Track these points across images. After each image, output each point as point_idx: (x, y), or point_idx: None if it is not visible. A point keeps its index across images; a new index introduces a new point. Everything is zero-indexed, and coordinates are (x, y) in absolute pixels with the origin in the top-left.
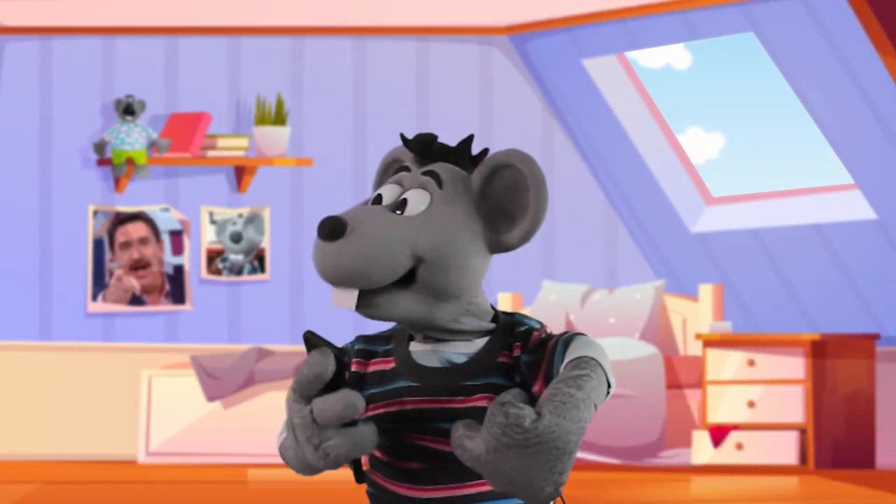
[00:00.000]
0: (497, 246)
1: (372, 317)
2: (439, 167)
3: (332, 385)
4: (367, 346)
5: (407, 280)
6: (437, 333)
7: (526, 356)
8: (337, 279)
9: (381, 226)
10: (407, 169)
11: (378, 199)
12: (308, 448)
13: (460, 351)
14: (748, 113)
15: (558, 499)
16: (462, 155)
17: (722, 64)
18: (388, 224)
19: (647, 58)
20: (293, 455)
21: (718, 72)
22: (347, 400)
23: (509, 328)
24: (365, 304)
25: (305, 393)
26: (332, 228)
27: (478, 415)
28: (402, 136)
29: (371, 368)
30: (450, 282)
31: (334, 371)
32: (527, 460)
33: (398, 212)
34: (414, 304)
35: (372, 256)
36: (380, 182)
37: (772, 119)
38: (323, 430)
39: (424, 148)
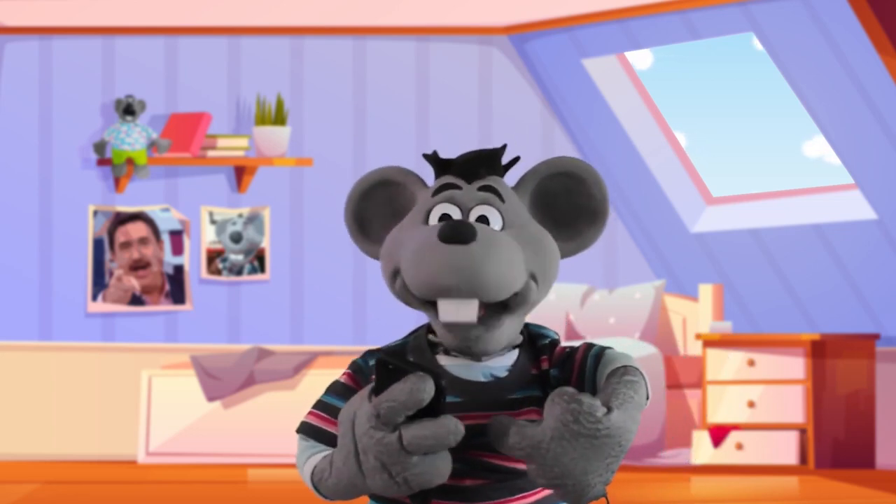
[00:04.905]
0: (564, 254)
1: (476, 340)
2: (494, 181)
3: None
4: None
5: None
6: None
7: (554, 370)
8: (465, 286)
9: (508, 243)
10: (454, 186)
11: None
12: (380, 476)
13: (500, 364)
14: (711, 113)
15: (602, 499)
16: (502, 167)
17: (683, 64)
18: (511, 242)
19: None
20: (335, 483)
21: (680, 72)
22: (451, 427)
23: (532, 339)
24: (486, 322)
25: (393, 419)
26: (462, 231)
27: None
28: (437, 158)
29: None
30: (543, 298)
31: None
32: (590, 452)
33: None
34: (516, 325)
35: (508, 267)
36: (426, 204)
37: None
38: (407, 457)
39: (479, 166)
